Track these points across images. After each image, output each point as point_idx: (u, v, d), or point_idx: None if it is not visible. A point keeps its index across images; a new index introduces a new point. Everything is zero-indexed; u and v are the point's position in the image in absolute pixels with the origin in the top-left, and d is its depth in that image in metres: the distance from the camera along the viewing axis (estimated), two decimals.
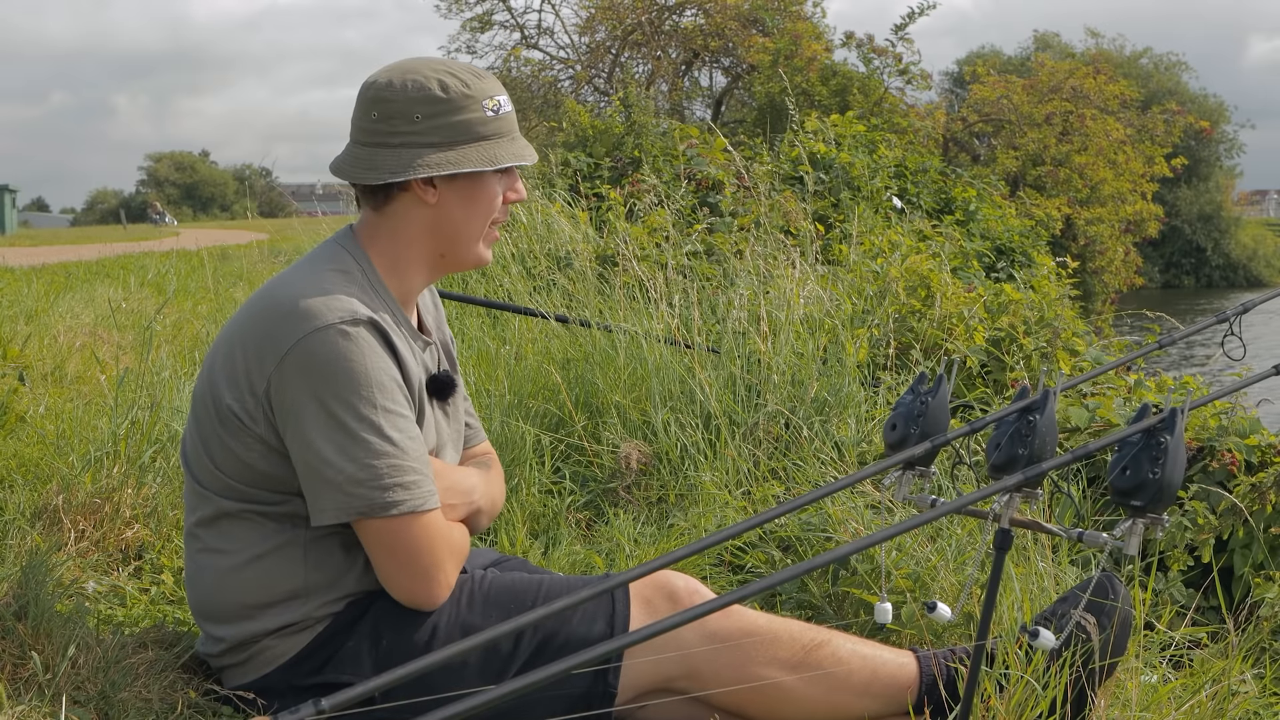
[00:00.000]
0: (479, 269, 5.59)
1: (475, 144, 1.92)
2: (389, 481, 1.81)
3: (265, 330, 1.85)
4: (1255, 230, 45.10)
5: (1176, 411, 1.77)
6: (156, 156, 66.95)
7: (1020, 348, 4.49)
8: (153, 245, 15.92)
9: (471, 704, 1.44)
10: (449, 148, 1.91)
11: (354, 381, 1.81)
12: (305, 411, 1.81)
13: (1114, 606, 1.97)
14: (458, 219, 1.96)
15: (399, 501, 1.82)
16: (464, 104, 1.92)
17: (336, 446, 1.80)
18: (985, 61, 25.62)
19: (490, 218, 1.99)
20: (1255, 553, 2.89)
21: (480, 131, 1.93)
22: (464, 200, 1.95)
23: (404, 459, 1.83)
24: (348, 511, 1.82)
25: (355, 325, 1.83)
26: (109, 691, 1.94)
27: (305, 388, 1.80)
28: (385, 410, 1.82)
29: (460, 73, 1.95)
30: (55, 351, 4.99)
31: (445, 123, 1.91)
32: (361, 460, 1.80)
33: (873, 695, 1.98)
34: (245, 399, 1.86)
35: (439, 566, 1.87)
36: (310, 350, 1.80)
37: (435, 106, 1.90)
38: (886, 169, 8.24)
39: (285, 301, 1.85)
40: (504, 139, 1.96)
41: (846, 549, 1.65)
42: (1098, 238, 18.65)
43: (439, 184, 1.94)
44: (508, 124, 1.97)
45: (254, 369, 1.85)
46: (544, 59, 20.67)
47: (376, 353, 1.84)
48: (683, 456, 3.27)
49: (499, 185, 1.98)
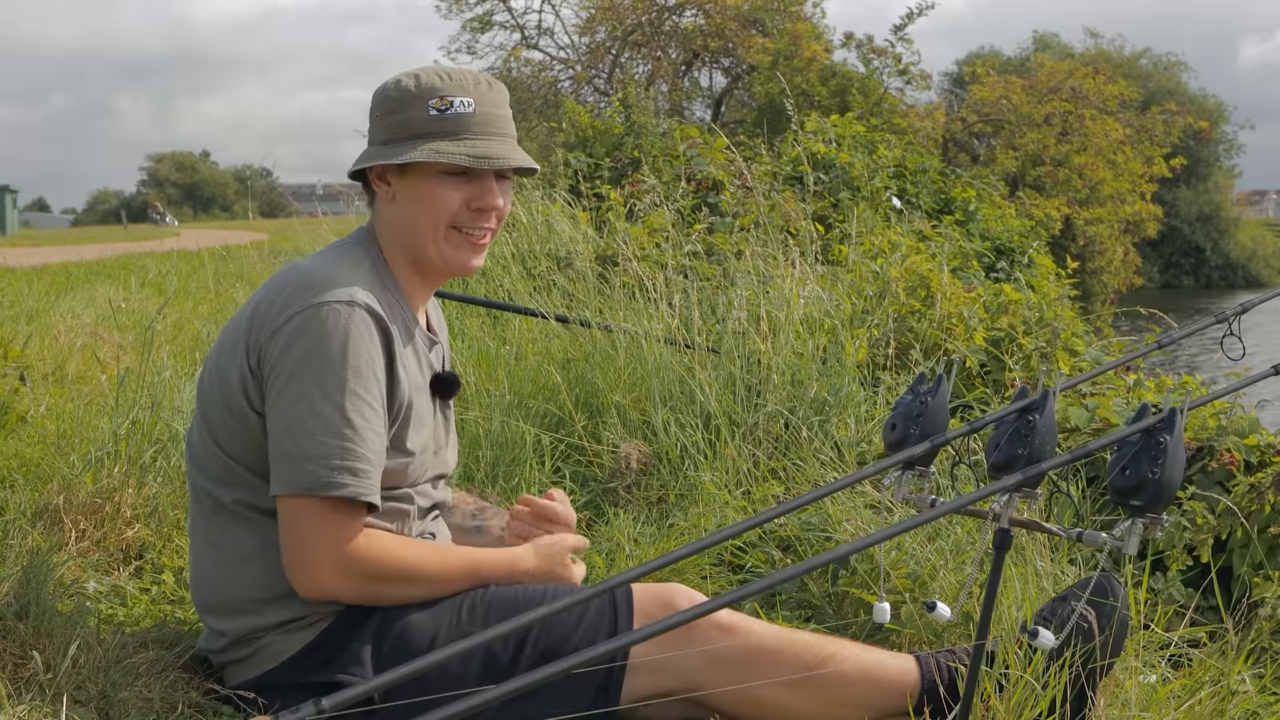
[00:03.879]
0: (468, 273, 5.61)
1: (411, 141, 1.93)
2: (338, 463, 1.80)
3: (268, 306, 1.89)
4: (1254, 230, 45.06)
5: (1176, 411, 1.77)
6: (157, 157, 66.97)
7: (1020, 348, 4.49)
8: (153, 245, 15.94)
9: (471, 704, 1.44)
10: (389, 145, 1.95)
11: (331, 359, 1.82)
12: (281, 381, 1.83)
13: (1112, 606, 1.97)
14: (408, 217, 1.98)
15: (343, 484, 1.80)
16: (409, 103, 1.95)
17: (297, 418, 1.81)
18: (985, 62, 25.62)
19: (444, 219, 1.96)
20: (1254, 552, 2.90)
21: (422, 129, 1.93)
22: (412, 198, 1.97)
23: (361, 445, 1.82)
24: (294, 484, 1.80)
25: (350, 307, 1.85)
26: (110, 691, 1.94)
27: (287, 359, 1.83)
28: (354, 394, 1.82)
29: (426, 73, 1.97)
30: (56, 352, 4.99)
31: (391, 121, 1.96)
32: (318, 436, 1.80)
33: (873, 706, 1.98)
34: (244, 370, 1.89)
35: (347, 566, 1.83)
36: (299, 325, 1.83)
37: (386, 105, 1.97)
38: (886, 169, 8.23)
39: (292, 283, 1.89)
40: (443, 139, 1.93)
41: (846, 549, 1.65)
42: (1097, 238, 18.66)
43: (393, 181, 1.97)
44: (458, 124, 1.94)
45: (252, 341, 1.89)
46: (544, 59, 20.69)
47: (363, 338, 1.85)
48: (683, 456, 3.27)
49: (452, 189, 1.95)
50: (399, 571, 1.88)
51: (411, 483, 2.00)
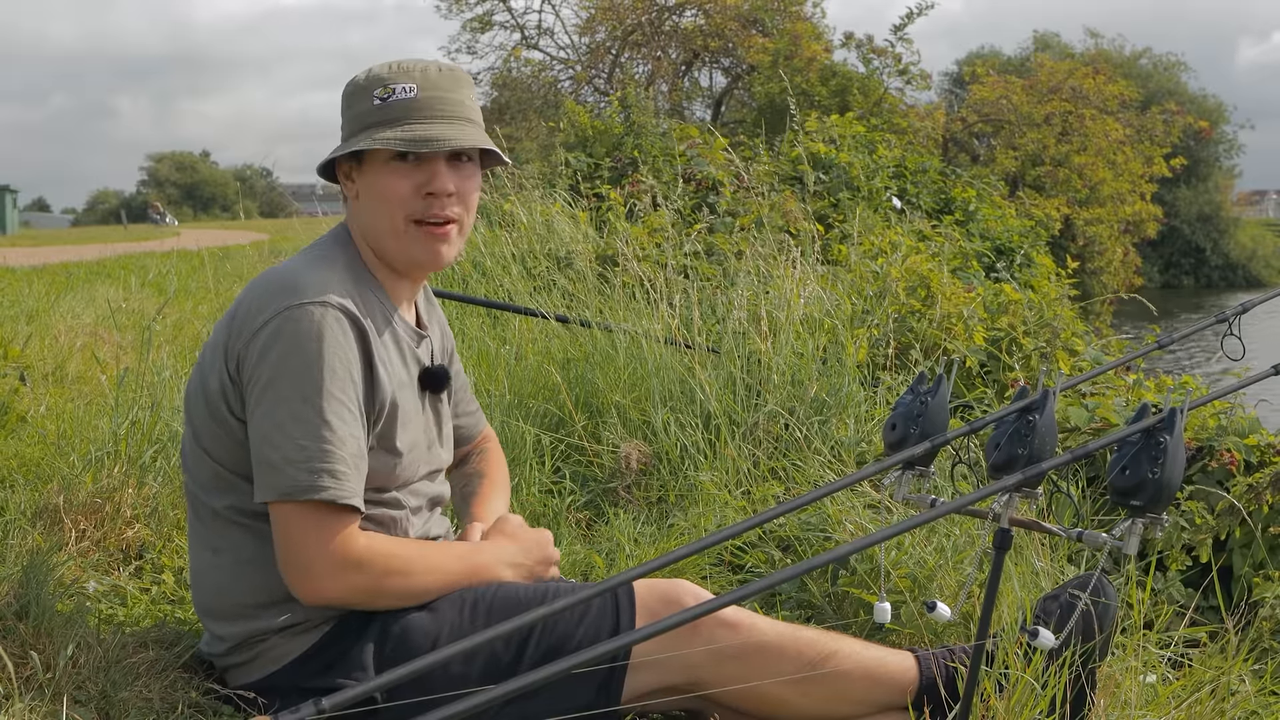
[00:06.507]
0: (478, 263, 5.62)
1: (361, 134, 1.93)
2: (319, 465, 1.79)
3: (244, 311, 1.88)
4: (1254, 230, 45.06)
5: (1176, 411, 1.77)
6: (157, 157, 66.96)
7: (1020, 348, 4.50)
8: (153, 245, 15.93)
9: (473, 703, 1.44)
10: (346, 139, 1.96)
11: (307, 362, 1.81)
12: (260, 386, 1.83)
13: (1105, 606, 1.97)
14: (368, 211, 1.97)
15: (324, 487, 1.79)
16: (359, 96, 1.95)
17: (276, 423, 1.80)
18: (985, 62, 25.63)
19: (399, 210, 1.93)
20: (1254, 552, 2.90)
21: (367, 121, 1.93)
22: (369, 192, 1.96)
23: (340, 448, 1.81)
24: (276, 489, 1.80)
25: (324, 308, 1.83)
26: (110, 691, 1.94)
27: (265, 363, 1.82)
28: (330, 395, 1.81)
29: (378, 66, 1.98)
30: (56, 351, 4.99)
31: (346, 116, 1.98)
32: (297, 440, 1.79)
33: (872, 702, 1.98)
34: (223, 376, 1.89)
35: (340, 567, 1.81)
36: (274, 330, 1.82)
37: (343, 103, 1.99)
38: (886, 169, 8.24)
39: (268, 287, 1.89)
40: (385, 126, 1.91)
41: (846, 549, 1.65)
42: (1097, 238, 18.67)
43: (355, 178, 1.98)
44: (400, 110, 1.92)
45: (231, 347, 1.88)
46: (544, 59, 20.71)
47: (337, 339, 1.83)
48: (683, 456, 3.27)
49: (400, 177, 1.93)
50: (390, 568, 1.86)
51: (403, 483, 1.99)
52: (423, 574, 1.90)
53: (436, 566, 1.92)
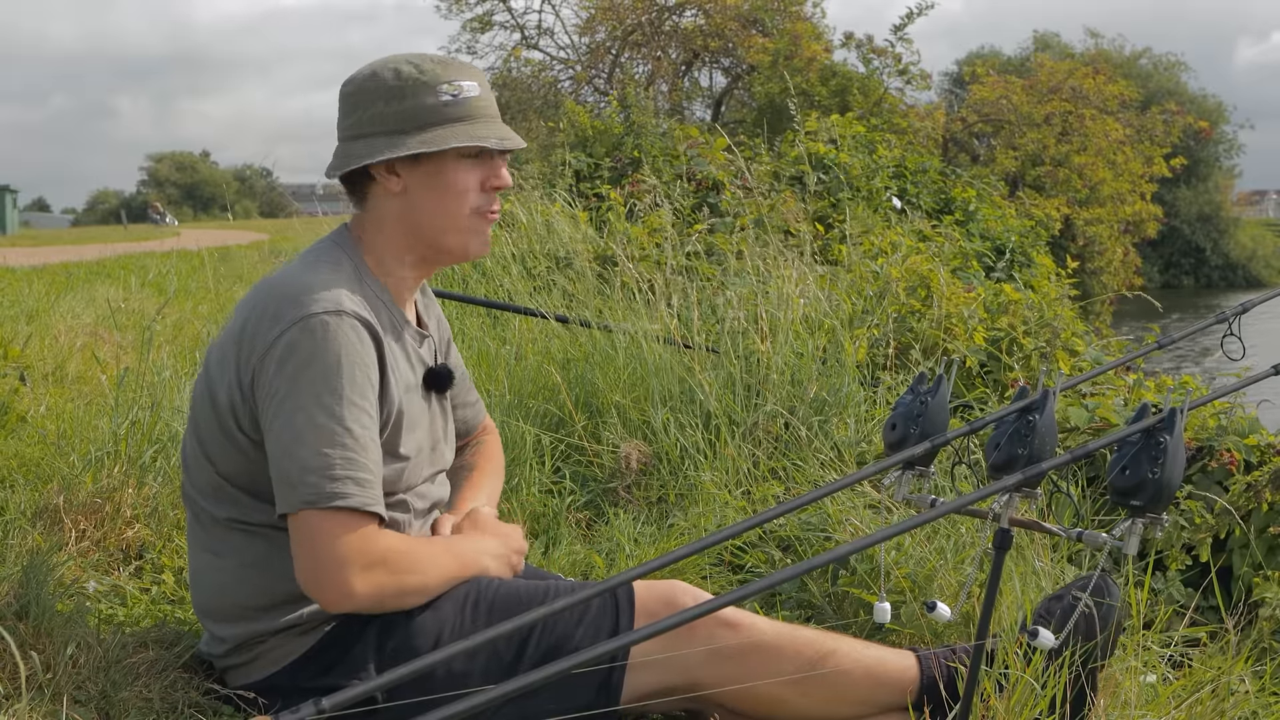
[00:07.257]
0: (478, 264, 5.62)
1: (429, 129, 1.91)
2: (341, 473, 1.77)
3: (255, 324, 1.86)
4: (1254, 230, 45.07)
5: (1176, 411, 1.77)
6: (157, 157, 66.94)
7: (1020, 348, 4.50)
8: (153, 245, 15.93)
9: (472, 703, 1.44)
10: (401, 134, 1.91)
11: (326, 371, 1.79)
12: (278, 399, 1.81)
13: (1109, 606, 1.97)
14: (427, 207, 1.95)
15: (349, 494, 1.77)
16: (418, 90, 1.91)
17: (296, 434, 1.78)
18: (985, 62, 25.63)
19: (467, 205, 1.95)
20: (1254, 552, 2.90)
21: (434, 116, 1.91)
22: (429, 187, 1.94)
23: (362, 455, 1.80)
24: (299, 499, 1.76)
25: (337, 317, 1.82)
26: (110, 691, 1.94)
27: (281, 376, 1.81)
28: (351, 403, 1.80)
29: (420, 61, 1.95)
30: (56, 351, 4.99)
31: (398, 109, 1.91)
32: (319, 448, 1.77)
33: (873, 702, 1.98)
34: (234, 392, 1.87)
35: (367, 571, 1.78)
36: (290, 341, 1.81)
37: (390, 95, 1.92)
38: (886, 169, 8.24)
39: (275, 297, 1.86)
40: (463, 123, 1.92)
41: (846, 549, 1.65)
42: (1097, 238, 18.67)
43: (403, 172, 1.94)
44: (470, 108, 1.93)
45: (243, 362, 1.86)
46: (544, 59, 20.70)
47: (353, 346, 1.82)
48: (682, 456, 3.27)
49: (470, 171, 1.94)
50: (405, 565, 1.85)
51: (407, 486, 1.99)
52: (429, 570, 1.90)
53: (436, 561, 1.92)
